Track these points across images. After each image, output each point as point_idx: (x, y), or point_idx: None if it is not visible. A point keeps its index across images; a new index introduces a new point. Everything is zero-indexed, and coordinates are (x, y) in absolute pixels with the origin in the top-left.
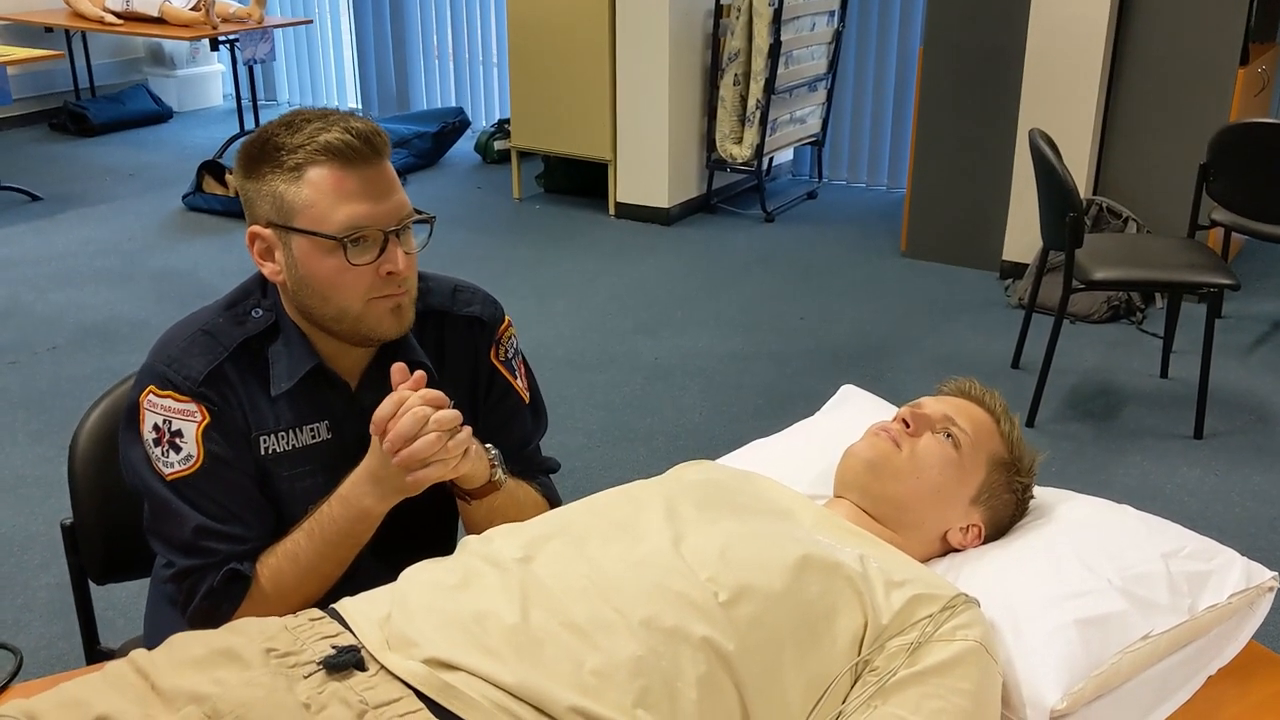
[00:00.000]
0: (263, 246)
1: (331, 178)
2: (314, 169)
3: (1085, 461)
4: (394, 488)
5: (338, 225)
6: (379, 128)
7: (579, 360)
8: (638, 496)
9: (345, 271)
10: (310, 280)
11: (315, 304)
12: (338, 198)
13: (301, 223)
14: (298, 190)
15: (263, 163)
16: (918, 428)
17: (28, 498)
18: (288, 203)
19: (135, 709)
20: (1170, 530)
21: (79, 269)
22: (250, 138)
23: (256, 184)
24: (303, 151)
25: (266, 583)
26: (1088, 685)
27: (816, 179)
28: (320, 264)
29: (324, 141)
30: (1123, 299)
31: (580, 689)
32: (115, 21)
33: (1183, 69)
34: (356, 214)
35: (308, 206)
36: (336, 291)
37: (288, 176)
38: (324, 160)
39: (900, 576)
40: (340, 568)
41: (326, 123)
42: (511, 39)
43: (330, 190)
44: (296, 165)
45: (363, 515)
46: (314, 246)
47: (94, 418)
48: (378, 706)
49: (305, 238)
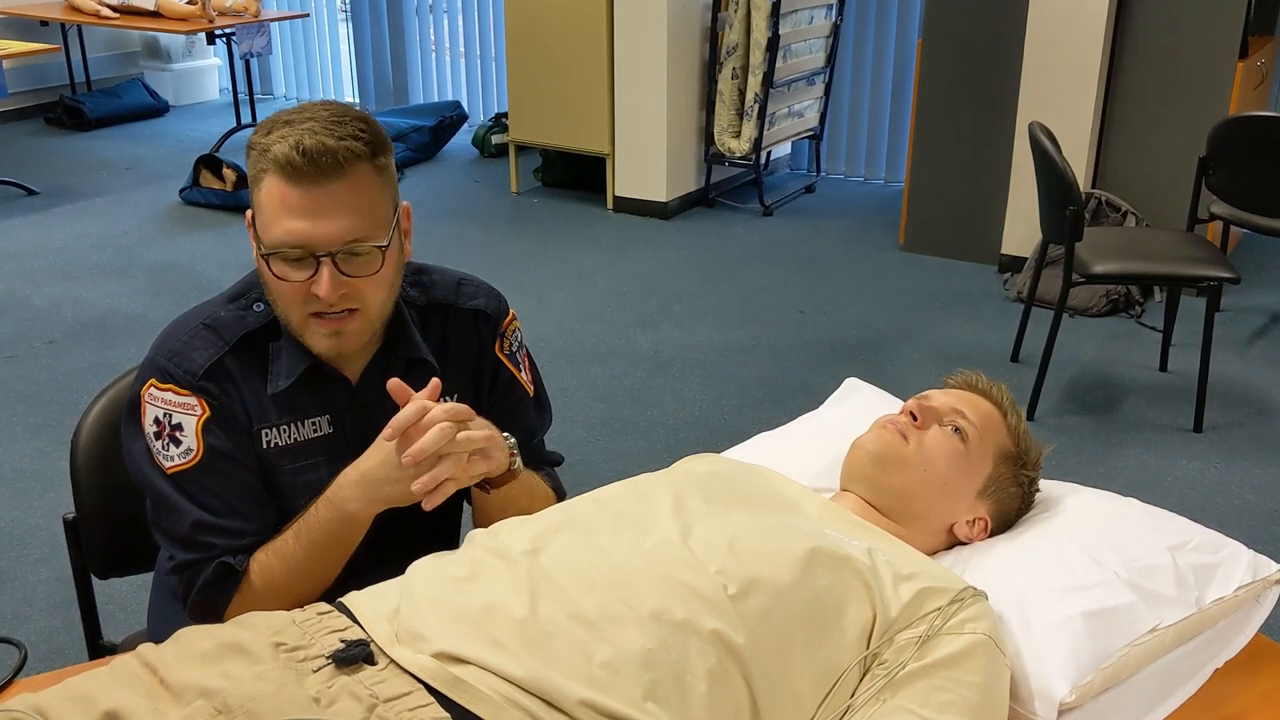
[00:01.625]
0: (251, 236)
1: (278, 190)
2: (268, 177)
3: (1085, 454)
4: (380, 496)
5: (271, 240)
6: (347, 146)
7: (578, 353)
8: (645, 489)
9: (279, 284)
10: (262, 281)
11: (272, 304)
12: (280, 211)
13: (256, 226)
14: (256, 194)
15: (248, 158)
16: (925, 420)
17: (27, 491)
18: (254, 203)
19: (144, 703)
20: (1177, 523)
21: (76, 263)
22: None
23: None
24: (265, 158)
25: (257, 579)
26: (1096, 678)
27: (815, 173)
28: (263, 270)
29: (274, 153)
30: (1121, 292)
31: (590, 682)
32: (111, 15)
33: (1182, 62)
34: (290, 231)
35: (259, 211)
36: (278, 300)
37: (254, 179)
38: (273, 172)
39: (908, 570)
40: (331, 569)
41: (291, 130)
42: (509, 32)
43: (275, 203)
44: (259, 171)
45: (347, 519)
46: (257, 251)
47: (95, 411)
48: (387, 700)
49: (255, 242)
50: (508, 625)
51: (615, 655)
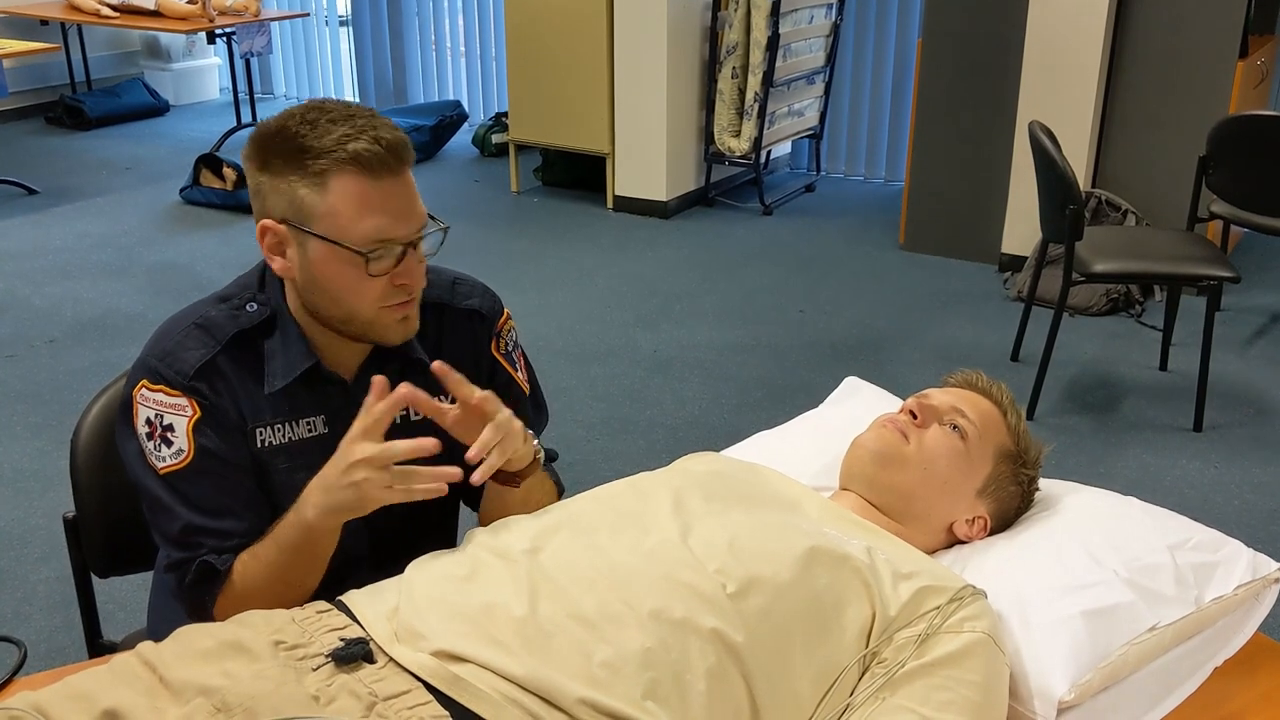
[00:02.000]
0: (274, 241)
1: (356, 188)
2: (339, 177)
3: (1085, 454)
4: (335, 503)
5: (359, 238)
6: (405, 137)
7: (578, 353)
8: (645, 488)
9: (361, 281)
10: (323, 283)
11: (325, 304)
12: (361, 210)
13: (321, 229)
14: (321, 197)
15: (284, 160)
16: (925, 419)
17: (26, 491)
18: (308, 206)
19: (143, 701)
20: (1176, 522)
21: (76, 262)
22: (269, 130)
23: (273, 179)
24: (329, 158)
25: (238, 579)
26: (1095, 677)
27: (815, 172)
28: (336, 270)
29: (352, 150)
30: (1121, 291)
31: (589, 681)
32: (111, 14)
33: (1182, 61)
34: (379, 227)
35: (330, 214)
36: (349, 296)
37: (312, 180)
38: (350, 170)
39: (908, 568)
40: (304, 577)
41: (354, 127)
42: (510, 32)
43: (354, 201)
44: (321, 170)
45: (307, 527)
46: (331, 253)
47: (95, 411)
48: (387, 699)
49: (324, 244)
50: (507, 624)
51: (615, 654)
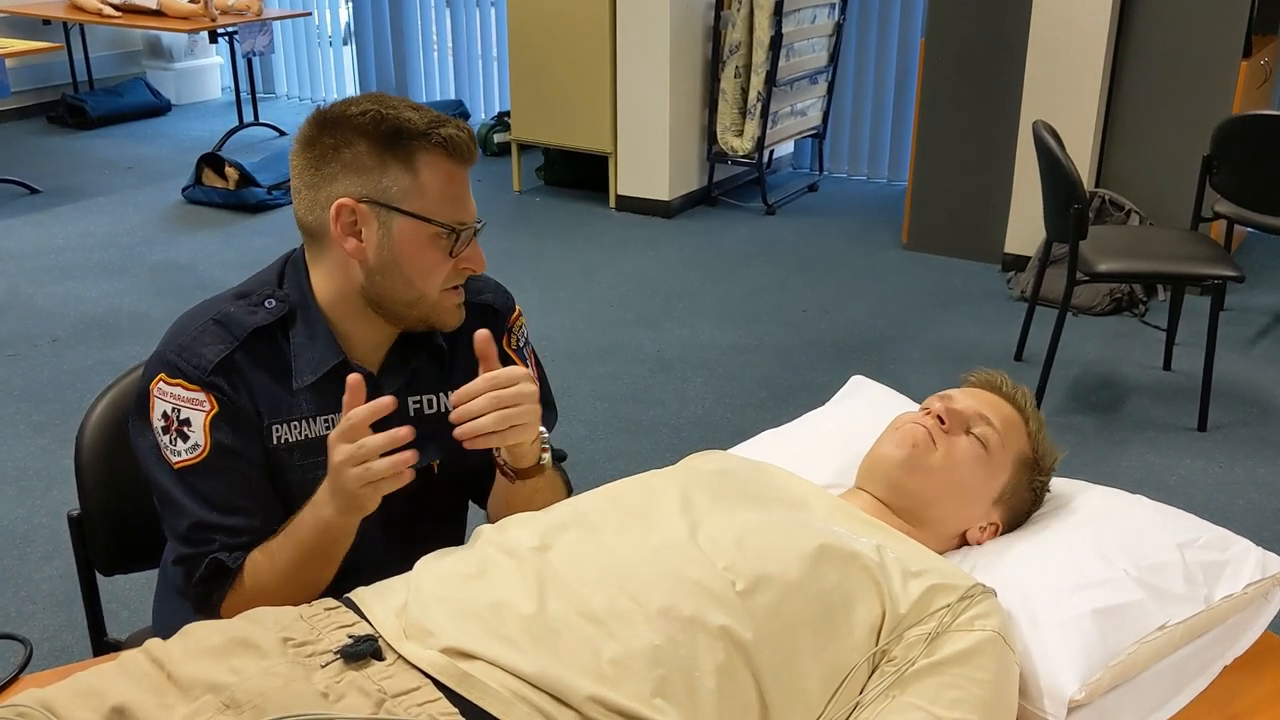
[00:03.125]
0: (349, 221)
1: (445, 171)
2: (433, 158)
3: (1089, 453)
4: (345, 504)
5: (448, 217)
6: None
7: (581, 352)
8: (653, 486)
9: (441, 261)
10: (401, 262)
11: (397, 286)
12: (450, 191)
13: (411, 206)
14: (412, 177)
15: (373, 139)
16: (953, 426)
17: (30, 489)
18: (400, 185)
19: (151, 698)
20: (1185, 520)
21: (78, 262)
22: (346, 113)
23: (356, 158)
24: (424, 140)
25: (248, 577)
26: (1105, 675)
27: (817, 172)
28: (419, 250)
29: (447, 135)
30: (1125, 291)
31: (598, 678)
32: (113, 14)
33: (1185, 61)
34: (464, 210)
35: (420, 193)
36: (423, 277)
37: (404, 160)
38: (441, 153)
39: (917, 567)
40: (316, 575)
41: (437, 116)
42: (512, 31)
43: (445, 182)
44: (414, 151)
45: (325, 526)
46: (419, 231)
47: (100, 409)
48: (396, 696)
49: (413, 221)
50: (516, 622)
51: (624, 651)
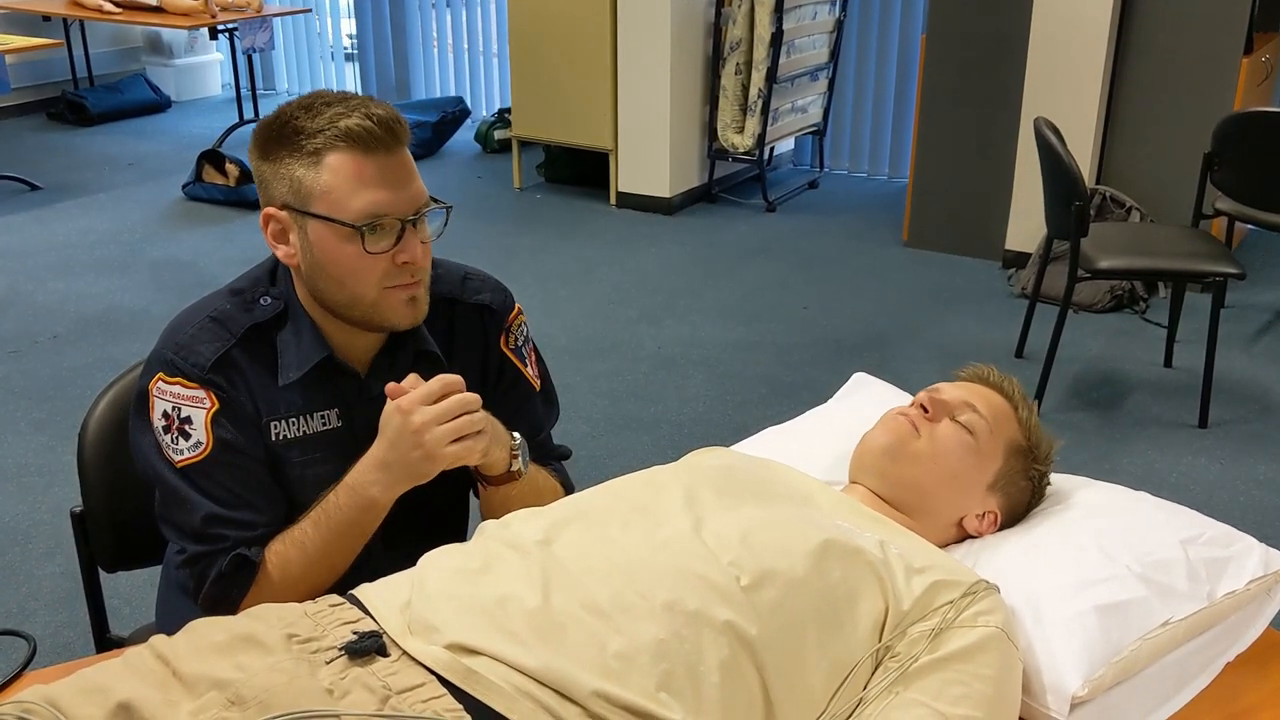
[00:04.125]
0: (277, 228)
1: (351, 164)
2: (333, 154)
3: (1090, 450)
4: (403, 474)
5: (355, 213)
6: (399, 114)
7: (582, 349)
8: (656, 481)
9: (361, 259)
10: (325, 265)
11: (330, 289)
12: (356, 184)
13: (319, 208)
14: (316, 175)
15: (281, 145)
16: (936, 413)
17: (31, 487)
18: (305, 187)
19: (157, 695)
20: (1188, 516)
21: (79, 258)
22: (268, 119)
23: (273, 165)
24: (322, 136)
25: (274, 570)
26: (1108, 672)
27: (818, 168)
28: (336, 250)
29: (344, 127)
30: (1126, 288)
31: (603, 672)
32: (114, 10)
33: (1187, 57)
34: (375, 201)
35: (326, 192)
36: (352, 278)
37: (306, 160)
38: (344, 146)
39: (920, 562)
40: (347, 558)
41: (347, 107)
42: (512, 27)
43: (349, 177)
44: (316, 150)
45: (369, 505)
46: (330, 232)
47: (103, 405)
48: (400, 692)
49: (322, 223)
50: (521, 616)
51: (628, 646)
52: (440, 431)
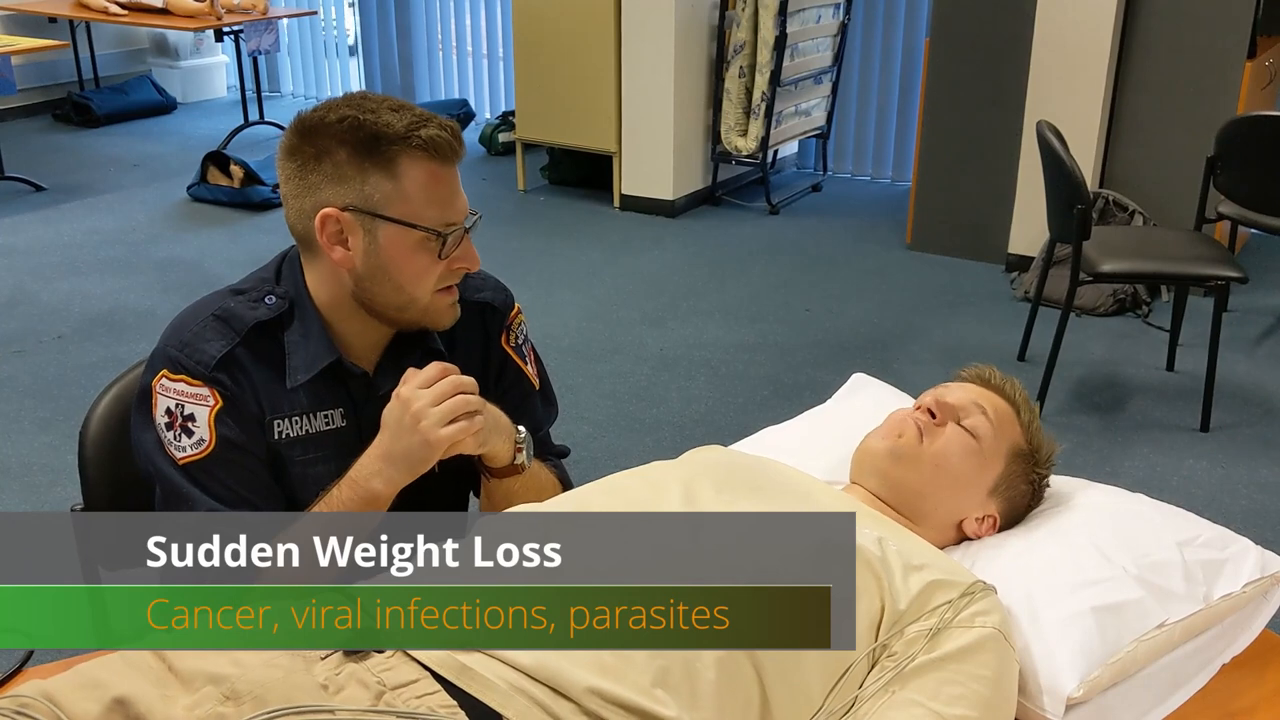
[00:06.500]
0: (335, 230)
1: (428, 173)
2: (414, 161)
3: (1092, 453)
4: (404, 464)
5: (435, 220)
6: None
7: (585, 351)
8: (655, 478)
9: (431, 265)
10: (389, 268)
11: (386, 292)
12: (434, 193)
13: (395, 212)
14: (394, 182)
15: (352, 147)
16: (943, 417)
17: (34, 485)
18: (382, 192)
19: (153, 690)
20: (1185, 518)
21: (84, 259)
22: (323, 121)
23: (336, 168)
24: (403, 143)
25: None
26: (1104, 673)
27: (821, 171)
28: (407, 254)
29: (427, 136)
30: (1128, 292)
31: (598, 669)
32: (120, 12)
33: (1190, 62)
34: (451, 210)
35: (404, 199)
36: (413, 282)
37: (383, 166)
38: (422, 155)
39: (918, 561)
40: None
41: (417, 116)
42: (516, 30)
43: (427, 185)
44: (394, 156)
45: (371, 498)
46: (405, 237)
47: (104, 404)
48: (395, 688)
49: (398, 228)
50: None
51: None
52: (436, 412)
